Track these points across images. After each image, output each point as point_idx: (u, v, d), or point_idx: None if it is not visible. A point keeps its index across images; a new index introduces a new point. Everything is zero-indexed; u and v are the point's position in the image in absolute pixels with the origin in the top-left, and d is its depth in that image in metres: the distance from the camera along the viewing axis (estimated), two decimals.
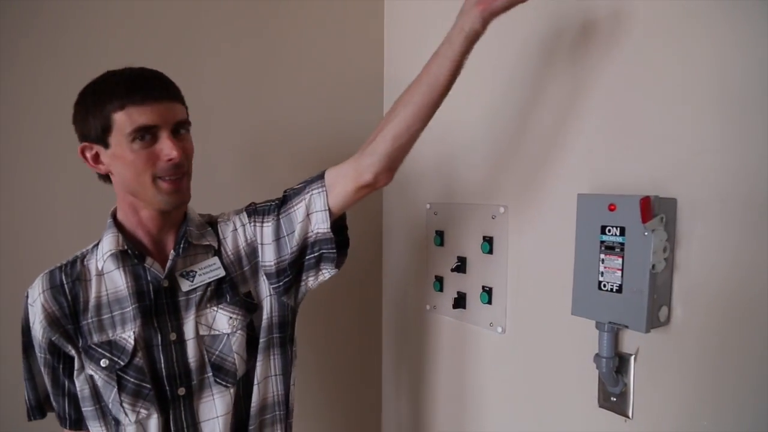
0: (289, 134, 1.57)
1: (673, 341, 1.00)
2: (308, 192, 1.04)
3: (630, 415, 1.06)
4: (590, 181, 1.12)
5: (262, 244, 1.07)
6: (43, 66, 1.24)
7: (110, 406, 0.96)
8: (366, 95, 1.71)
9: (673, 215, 0.98)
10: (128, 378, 0.95)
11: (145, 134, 0.90)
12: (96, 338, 0.96)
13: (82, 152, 0.96)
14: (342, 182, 1.03)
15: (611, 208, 0.99)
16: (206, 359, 1.00)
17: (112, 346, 0.96)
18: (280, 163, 1.56)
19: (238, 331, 1.03)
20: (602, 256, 1.01)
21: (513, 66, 1.30)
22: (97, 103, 0.91)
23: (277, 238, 1.06)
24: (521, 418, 1.31)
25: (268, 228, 1.06)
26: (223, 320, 1.02)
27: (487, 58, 1.36)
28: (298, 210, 1.04)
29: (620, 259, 0.99)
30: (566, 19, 1.16)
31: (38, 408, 1.01)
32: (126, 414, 0.95)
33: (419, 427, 1.65)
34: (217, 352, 1.01)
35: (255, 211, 1.09)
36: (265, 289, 1.08)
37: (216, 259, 1.04)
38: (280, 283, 1.07)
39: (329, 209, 1.03)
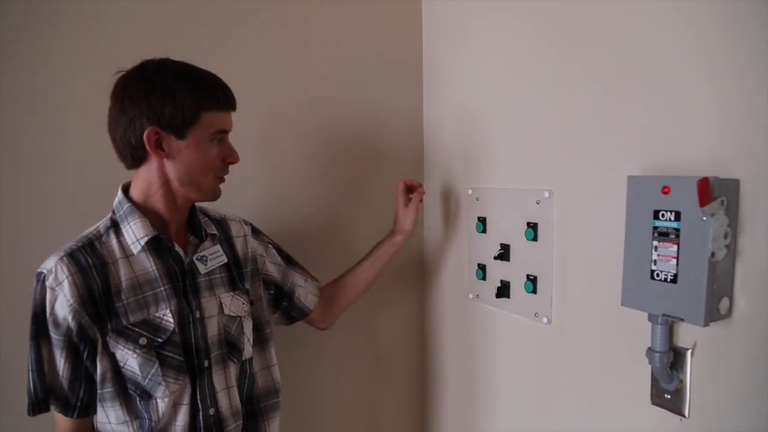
0: (328, 119, 1.55)
1: (736, 336, 0.92)
2: (306, 281, 1.34)
3: (686, 414, 0.99)
4: (641, 161, 1.04)
5: (268, 257, 1.27)
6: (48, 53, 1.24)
7: (146, 382, 1.00)
8: (405, 80, 1.67)
9: (735, 198, 0.89)
10: (166, 353, 1.02)
11: (222, 136, 1.06)
12: (132, 318, 1.01)
13: (148, 134, 1.00)
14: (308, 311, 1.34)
15: (665, 190, 0.92)
16: (223, 336, 1.10)
17: (148, 325, 1.02)
18: (321, 148, 1.55)
19: (248, 316, 1.16)
20: (655, 243, 0.94)
21: (556, 41, 1.22)
22: (189, 97, 1.00)
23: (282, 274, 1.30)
24: (568, 413, 1.25)
25: (275, 259, 1.29)
26: (238, 305, 1.14)
27: (529, 34, 1.29)
28: (293, 282, 1.32)
29: (675, 247, 0.91)
30: None
31: (45, 401, 0.99)
32: (166, 387, 1.01)
33: (463, 419, 1.61)
34: (232, 332, 1.12)
35: (260, 232, 1.29)
36: (261, 291, 1.24)
37: (219, 247, 1.16)
38: (271, 291, 1.28)
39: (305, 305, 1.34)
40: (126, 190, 1.08)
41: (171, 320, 1.02)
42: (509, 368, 1.43)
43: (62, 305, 0.97)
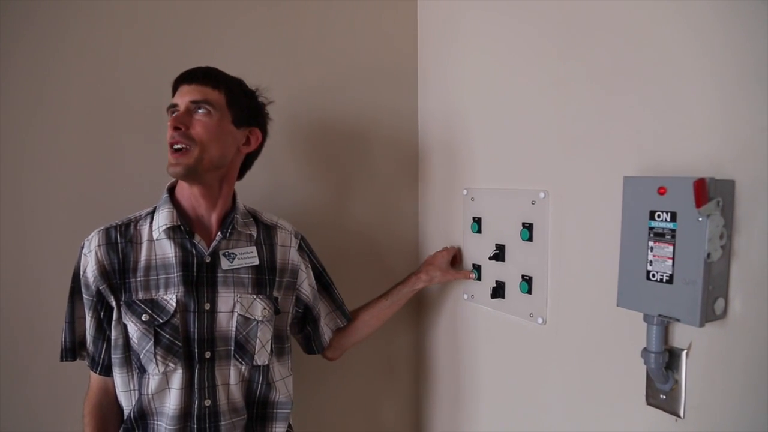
0: (323, 120, 1.54)
1: (731, 336, 0.92)
2: (328, 315, 1.36)
3: (681, 414, 0.99)
4: (637, 162, 1.04)
5: (307, 277, 1.27)
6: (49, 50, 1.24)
7: (142, 355, 1.08)
8: (400, 80, 1.67)
9: (731, 199, 0.90)
10: (164, 334, 1.08)
11: (173, 109, 1.10)
12: (141, 295, 1.09)
13: None
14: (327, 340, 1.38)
15: (661, 191, 0.92)
16: (233, 334, 1.13)
17: (153, 304, 1.09)
18: (316, 148, 1.54)
19: (267, 322, 1.17)
20: (651, 243, 0.94)
21: (553, 41, 1.22)
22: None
23: (314, 295, 1.31)
24: (562, 414, 1.25)
25: (311, 281, 1.30)
26: (258, 308, 1.15)
27: (525, 34, 1.29)
28: (320, 309, 1.34)
29: (671, 247, 0.91)
30: None
31: (72, 350, 1.13)
32: (156, 365, 1.07)
33: (457, 420, 1.61)
34: (244, 333, 1.14)
35: (310, 250, 1.31)
36: (290, 306, 1.25)
37: (254, 249, 1.18)
38: (300, 309, 1.29)
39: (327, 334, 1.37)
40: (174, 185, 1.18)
41: (174, 304, 1.08)
42: (504, 369, 1.42)
43: (90, 271, 1.09)
